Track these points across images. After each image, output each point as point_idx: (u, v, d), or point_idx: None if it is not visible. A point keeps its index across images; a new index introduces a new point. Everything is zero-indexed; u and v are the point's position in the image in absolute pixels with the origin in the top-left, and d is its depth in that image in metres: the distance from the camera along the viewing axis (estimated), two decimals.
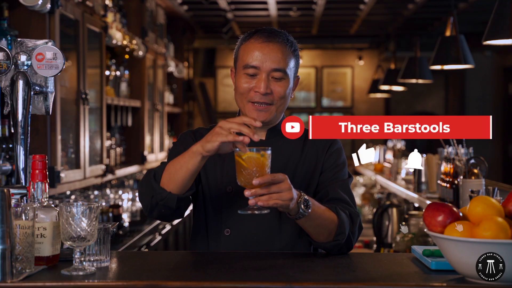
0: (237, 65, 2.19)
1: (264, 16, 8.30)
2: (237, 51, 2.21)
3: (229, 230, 2.14)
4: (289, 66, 2.15)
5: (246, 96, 2.14)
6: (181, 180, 1.98)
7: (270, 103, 2.13)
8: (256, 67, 2.11)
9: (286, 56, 2.14)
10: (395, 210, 4.37)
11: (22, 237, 1.75)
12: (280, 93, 2.13)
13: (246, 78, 2.13)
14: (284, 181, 1.87)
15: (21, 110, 2.15)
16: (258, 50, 2.12)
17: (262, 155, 1.88)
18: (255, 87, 2.12)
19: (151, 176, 2.04)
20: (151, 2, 6.26)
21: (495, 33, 3.29)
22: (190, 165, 1.95)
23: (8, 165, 2.97)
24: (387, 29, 9.27)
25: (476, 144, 4.04)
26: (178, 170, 1.97)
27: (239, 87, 2.15)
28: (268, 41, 2.13)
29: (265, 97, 2.12)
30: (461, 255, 1.66)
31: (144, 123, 5.89)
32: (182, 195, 2.01)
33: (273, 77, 2.12)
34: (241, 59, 2.16)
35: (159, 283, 1.70)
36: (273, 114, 2.15)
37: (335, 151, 2.21)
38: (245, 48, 2.16)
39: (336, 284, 1.72)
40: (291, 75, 2.16)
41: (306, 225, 2.02)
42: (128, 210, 4.86)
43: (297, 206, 1.93)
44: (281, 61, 2.12)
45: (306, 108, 11.03)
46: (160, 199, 2.01)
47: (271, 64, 2.11)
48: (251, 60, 2.12)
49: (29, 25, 3.37)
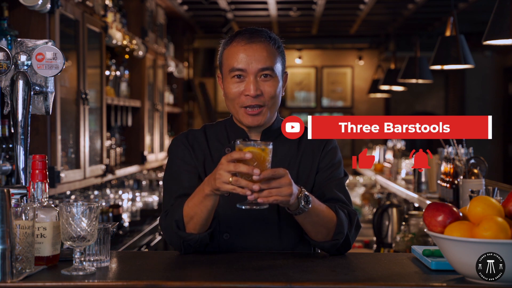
0: (223, 71, 2.16)
1: (264, 16, 8.30)
2: (220, 56, 2.18)
3: (228, 235, 2.14)
4: (276, 64, 2.12)
5: (237, 102, 2.12)
6: (205, 220, 2.01)
7: (262, 104, 2.11)
8: (242, 70, 2.09)
9: (271, 54, 2.11)
10: (395, 210, 4.37)
11: (22, 237, 1.75)
12: (270, 93, 2.11)
13: (234, 83, 2.11)
14: (285, 176, 1.86)
15: (21, 110, 2.15)
16: (242, 52, 2.09)
17: (263, 149, 1.86)
18: (245, 90, 2.09)
19: (175, 227, 2.03)
20: (151, 2, 6.26)
21: (495, 33, 3.29)
22: (209, 206, 1.97)
23: (8, 165, 2.97)
24: (387, 29, 9.27)
25: (476, 144, 4.04)
26: (199, 213, 1.99)
27: (229, 93, 2.13)
28: (250, 42, 2.10)
29: (256, 99, 2.10)
30: (461, 255, 1.66)
31: (144, 123, 5.89)
32: (211, 228, 2.05)
33: (261, 77, 2.10)
34: (226, 64, 2.14)
35: (159, 283, 1.70)
36: (266, 116, 2.13)
37: (330, 150, 2.20)
38: (229, 52, 2.13)
39: (336, 284, 1.71)
40: (279, 73, 2.14)
41: (305, 222, 2.02)
42: (128, 210, 4.86)
43: (297, 201, 1.92)
44: (267, 59, 2.10)
45: (306, 108, 11.03)
46: (193, 242, 2.04)
47: (257, 64, 2.09)
48: (236, 63, 2.09)
49: (29, 25, 3.37)
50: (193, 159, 2.17)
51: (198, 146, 2.19)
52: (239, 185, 1.83)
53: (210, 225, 2.05)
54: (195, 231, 2.02)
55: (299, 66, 10.80)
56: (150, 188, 5.94)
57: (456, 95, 10.62)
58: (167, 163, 2.23)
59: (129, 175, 5.73)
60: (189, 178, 2.14)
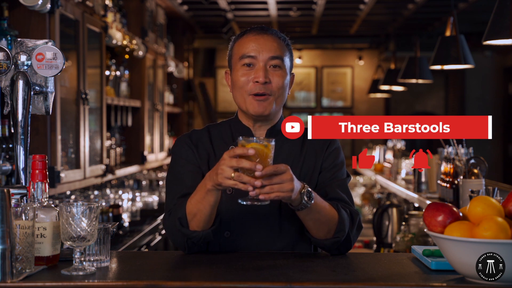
0: (233, 61, 2.20)
1: (264, 16, 8.30)
2: (231, 49, 2.22)
3: (229, 233, 2.14)
4: (285, 57, 2.16)
5: (245, 89, 2.14)
6: (208, 216, 2.01)
7: (269, 93, 2.13)
8: (253, 57, 2.13)
9: (281, 46, 2.16)
10: (395, 210, 4.37)
11: (22, 237, 1.75)
12: (278, 83, 2.13)
13: (244, 70, 2.14)
14: (286, 171, 1.87)
15: (21, 110, 2.15)
16: (253, 42, 2.15)
17: (266, 145, 1.87)
18: (254, 77, 2.12)
19: (178, 224, 2.03)
20: (151, 2, 6.26)
21: (495, 33, 3.29)
22: (212, 201, 1.98)
23: (8, 165, 2.97)
24: (387, 29, 9.27)
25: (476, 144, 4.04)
26: (202, 210, 1.99)
27: (237, 80, 2.15)
28: (262, 33, 2.16)
29: (264, 86, 2.12)
30: (461, 255, 1.66)
31: (144, 123, 5.89)
32: (214, 225, 2.05)
33: (271, 66, 2.13)
34: (236, 53, 2.18)
35: (159, 283, 1.70)
36: (272, 106, 2.15)
37: (333, 150, 2.21)
38: (240, 43, 2.18)
39: (336, 284, 1.72)
40: (288, 67, 2.18)
41: (307, 218, 2.02)
42: (128, 210, 4.86)
43: (300, 196, 1.93)
44: (277, 49, 2.14)
45: (306, 108, 11.03)
46: (197, 240, 2.04)
47: (268, 53, 2.13)
48: (248, 50, 2.14)
49: (29, 25, 3.37)
50: (196, 159, 2.17)
51: (201, 145, 2.20)
52: (241, 180, 1.84)
53: (214, 222, 2.05)
54: (199, 228, 2.02)
55: (299, 66, 10.80)
56: (150, 188, 5.94)
57: (456, 95, 10.62)
58: (170, 164, 2.23)
59: (129, 175, 5.73)
60: (192, 178, 2.14)
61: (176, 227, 2.04)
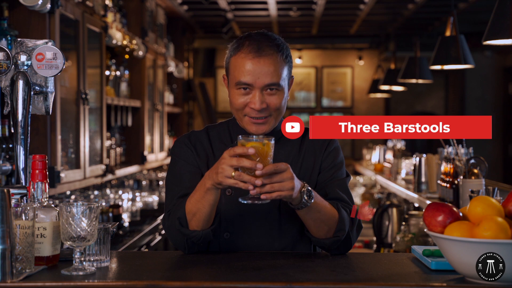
0: (229, 79, 2.14)
1: (264, 16, 8.30)
2: (227, 62, 2.14)
3: (228, 234, 2.14)
4: (283, 77, 2.09)
5: (242, 112, 2.11)
6: (208, 216, 2.01)
7: (267, 115, 2.10)
8: (249, 84, 2.07)
9: (278, 67, 2.07)
10: (395, 210, 4.37)
11: (22, 237, 1.75)
12: (276, 105, 2.09)
13: (240, 94, 2.09)
14: (287, 170, 1.87)
15: (21, 110, 2.15)
16: (250, 66, 2.05)
17: (265, 144, 1.87)
18: (250, 103, 2.07)
19: (177, 224, 2.03)
20: (151, 2, 6.26)
21: (495, 33, 3.29)
22: (211, 200, 1.97)
23: (8, 165, 2.97)
24: (387, 29, 9.27)
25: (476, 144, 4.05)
26: (201, 209, 1.99)
27: (234, 103, 2.11)
28: (259, 55, 2.05)
29: (261, 112, 2.08)
30: (461, 255, 1.66)
31: (144, 123, 5.89)
32: (213, 225, 2.05)
33: (267, 91, 2.07)
34: (232, 74, 2.11)
35: (159, 283, 1.70)
36: (271, 125, 2.13)
37: (332, 150, 2.21)
38: (236, 63, 2.09)
39: (336, 284, 1.72)
40: (285, 84, 2.11)
41: (307, 217, 2.02)
42: (128, 210, 4.86)
43: (300, 195, 1.93)
44: (274, 75, 2.06)
45: (306, 108, 11.03)
46: (196, 240, 2.04)
47: (264, 80, 2.05)
48: (243, 77, 2.06)
49: (29, 25, 3.37)
50: (196, 159, 2.17)
51: (200, 146, 2.20)
52: (241, 179, 1.84)
53: (213, 221, 2.05)
54: (198, 227, 2.02)
55: (299, 66, 10.80)
56: (150, 188, 5.94)
57: (456, 95, 10.62)
58: (169, 165, 2.23)
59: (129, 175, 5.73)
60: (192, 178, 2.14)
61: (175, 227, 2.04)
